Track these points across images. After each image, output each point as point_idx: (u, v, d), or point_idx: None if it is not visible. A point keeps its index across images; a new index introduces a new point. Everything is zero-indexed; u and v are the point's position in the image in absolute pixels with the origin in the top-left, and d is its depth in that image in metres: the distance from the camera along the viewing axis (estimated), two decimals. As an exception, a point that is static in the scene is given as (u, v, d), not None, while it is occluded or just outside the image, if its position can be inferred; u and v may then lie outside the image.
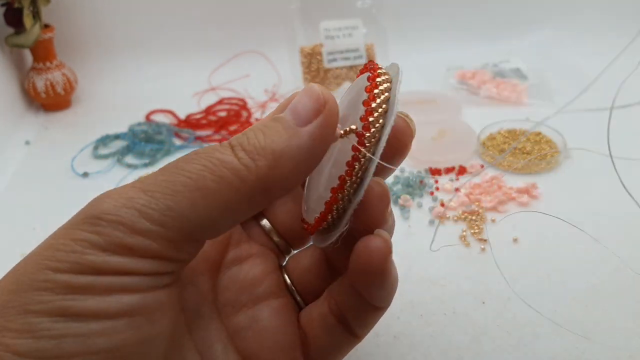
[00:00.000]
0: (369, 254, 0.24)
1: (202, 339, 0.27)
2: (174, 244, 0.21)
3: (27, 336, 0.19)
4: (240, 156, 0.22)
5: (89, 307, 0.20)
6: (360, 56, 0.70)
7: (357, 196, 0.24)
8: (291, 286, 0.30)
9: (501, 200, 0.50)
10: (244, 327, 0.28)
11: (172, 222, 0.21)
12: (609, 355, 0.36)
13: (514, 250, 0.45)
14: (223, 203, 0.21)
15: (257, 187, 0.22)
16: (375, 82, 0.24)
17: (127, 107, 0.72)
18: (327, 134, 0.23)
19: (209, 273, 0.29)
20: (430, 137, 0.59)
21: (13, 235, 0.51)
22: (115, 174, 0.59)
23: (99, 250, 0.20)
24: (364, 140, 0.23)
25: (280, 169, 0.22)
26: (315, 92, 0.23)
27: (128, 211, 0.21)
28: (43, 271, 0.20)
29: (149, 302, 0.21)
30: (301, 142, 0.22)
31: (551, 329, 0.37)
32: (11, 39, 0.68)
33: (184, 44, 0.80)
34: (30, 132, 0.68)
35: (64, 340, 0.19)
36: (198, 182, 0.21)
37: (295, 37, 0.72)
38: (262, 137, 0.22)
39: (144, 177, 0.22)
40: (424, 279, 0.42)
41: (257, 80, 0.77)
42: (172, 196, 0.21)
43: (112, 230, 0.21)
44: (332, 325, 0.28)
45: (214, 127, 0.67)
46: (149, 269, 0.21)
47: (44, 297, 0.20)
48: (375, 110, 0.24)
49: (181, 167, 0.22)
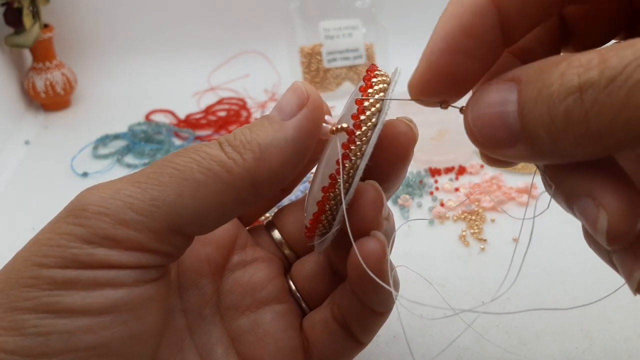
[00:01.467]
0: (364, 256, 0.23)
1: (203, 342, 0.27)
2: (159, 235, 0.21)
3: (14, 334, 0.19)
4: (227, 150, 0.22)
5: (75, 303, 0.20)
6: (360, 56, 0.70)
7: (348, 195, 0.24)
8: (296, 292, 0.30)
9: (501, 200, 0.50)
10: (246, 331, 0.28)
11: (158, 212, 0.21)
12: (608, 356, 0.36)
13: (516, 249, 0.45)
14: (210, 195, 0.21)
15: (244, 180, 0.22)
16: (370, 82, 0.24)
17: (126, 107, 0.72)
18: (311, 125, 0.23)
19: (212, 276, 0.29)
20: (430, 137, 0.59)
21: (12, 235, 0.50)
22: (115, 174, 0.59)
23: (83, 242, 0.20)
24: (354, 139, 0.23)
25: (267, 161, 0.22)
26: (298, 88, 0.24)
27: (114, 202, 0.21)
28: (29, 267, 0.20)
29: (135, 297, 0.21)
30: (287, 134, 0.22)
31: (551, 329, 0.37)
32: (11, 38, 0.67)
33: (183, 43, 0.80)
34: (30, 132, 0.68)
35: (50, 338, 0.19)
36: (185, 174, 0.21)
37: (295, 37, 0.72)
38: (248, 132, 0.23)
39: (133, 172, 0.22)
40: (424, 279, 0.42)
41: (256, 80, 0.76)
42: (158, 186, 0.21)
43: (96, 221, 0.20)
44: (334, 332, 0.27)
45: (213, 127, 0.67)
46: (134, 262, 0.21)
47: (30, 293, 0.20)
48: (367, 109, 0.23)
49: (169, 159, 0.22)
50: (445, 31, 0.20)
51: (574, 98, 0.16)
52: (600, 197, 0.18)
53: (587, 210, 0.18)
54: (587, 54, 0.16)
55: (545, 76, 0.17)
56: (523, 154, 0.18)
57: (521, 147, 0.18)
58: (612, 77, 0.15)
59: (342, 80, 0.70)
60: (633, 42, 0.15)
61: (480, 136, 0.19)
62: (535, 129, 0.17)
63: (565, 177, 0.19)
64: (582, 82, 0.16)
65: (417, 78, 0.21)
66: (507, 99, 0.18)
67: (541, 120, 0.17)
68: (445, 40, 0.20)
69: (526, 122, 0.18)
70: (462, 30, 0.20)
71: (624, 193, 0.17)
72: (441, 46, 0.20)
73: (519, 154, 0.19)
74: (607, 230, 0.17)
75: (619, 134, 0.16)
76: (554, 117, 0.17)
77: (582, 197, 0.18)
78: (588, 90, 0.16)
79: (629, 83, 0.15)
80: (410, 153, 0.26)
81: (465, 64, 0.20)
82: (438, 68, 0.21)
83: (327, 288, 0.29)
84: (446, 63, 0.20)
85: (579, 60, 0.16)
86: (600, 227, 0.18)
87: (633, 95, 0.15)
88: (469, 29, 0.20)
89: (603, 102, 0.16)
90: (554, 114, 0.17)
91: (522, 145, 0.18)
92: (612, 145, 0.16)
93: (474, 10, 0.20)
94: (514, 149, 0.18)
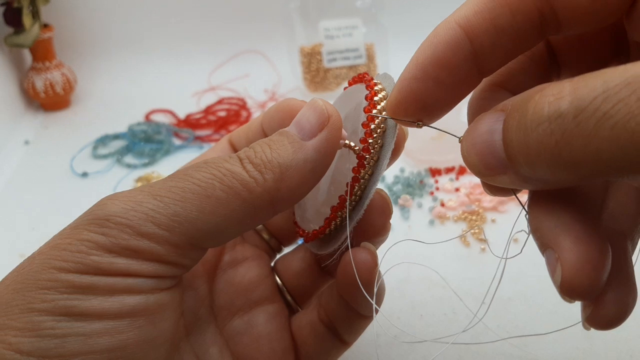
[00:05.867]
0: (356, 264, 0.24)
1: (199, 342, 0.27)
2: (178, 249, 0.22)
3: (31, 335, 0.19)
4: (249, 169, 0.22)
5: (92, 307, 0.20)
6: (360, 56, 0.70)
7: (357, 215, 0.25)
8: (283, 288, 0.30)
9: (501, 200, 0.50)
10: (240, 333, 0.28)
11: (179, 227, 0.21)
12: (609, 356, 0.36)
13: (515, 250, 0.45)
14: (230, 213, 0.22)
15: (264, 199, 0.22)
16: (373, 102, 0.25)
17: (126, 106, 0.72)
18: (331, 147, 0.24)
19: (206, 276, 0.29)
20: (430, 137, 0.59)
21: (12, 235, 0.50)
22: (115, 174, 0.59)
23: (105, 251, 0.21)
24: (364, 163, 0.24)
25: (287, 181, 0.22)
26: (319, 107, 0.24)
27: (136, 214, 0.21)
28: (48, 270, 0.20)
29: (151, 303, 0.21)
30: (307, 156, 0.23)
31: (552, 329, 0.37)
32: (10, 38, 0.67)
33: (183, 43, 0.80)
34: (30, 132, 0.68)
35: (67, 340, 0.20)
36: (207, 190, 0.22)
37: (295, 37, 0.72)
38: (268, 150, 0.23)
39: (153, 182, 0.23)
40: (424, 279, 0.42)
41: (256, 80, 0.76)
42: (181, 202, 0.21)
43: (119, 232, 0.21)
44: (321, 333, 0.28)
45: (213, 127, 0.67)
46: (152, 272, 0.21)
47: (48, 295, 0.20)
48: (374, 132, 0.24)
49: (190, 174, 0.22)
50: (418, 60, 0.22)
51: (543, 127, 0.17)
52: (560, 251, 0.19)
53: (549, 261, 0.19)
54: (561, 83, 0.17)
55: (524, 105, 0.18)
56: (514, 180, 0.19)
57: (511, 174, 0.19)
58: (582, 108, 0.16)
59: (342, 80, 0.70)
60: (603, 72, 0.16)
61: (473, 164, 0.20)
62: (516, 156, 0.18)
63: (542, 222, 0.20)
64: (551, 112, 0.16)
65: (391, 100, 0.23)
66: (495, 128, 0.19)
67: (519, 148, 0.18)
68: (417, 68, 0.22)
69: (508, 150, 0.18)
70: (434, 60, 0.21)
71: (586, 249, 0.18)
72: (413, 74, 0.22)
73: (510, 180, 0.19)
74: (559, 285, 0.19)
75: (590, 164, 0.16)
76: (529, 145, 0.17)
77: (548, 249, 0.19)
78: (557, 120, 0.16)
79: (597, 115, 0.15)
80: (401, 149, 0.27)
81: (435, 90, 0.22)
82: (409, 93, 0.22)
83: (314, 284, 0.30)
84: (417, 89, 0.22)
85: (552, 89, 0.17)
86: (555, 280, 0.19)
87: (600, 127, 0.15)
88: (441, 60, 0.21)
89: (572, 133, 0.16)
90: (528, 142, 0.17)
91: (511, 172, 0.19)
92: (585, 174, 0.17)
93: (446, 42, 0.21)
94: (505, 176, 0.19)
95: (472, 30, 0.21)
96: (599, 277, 0.18)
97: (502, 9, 0.21)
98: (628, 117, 0.15)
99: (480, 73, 0.22)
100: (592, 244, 0.18)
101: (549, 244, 0.19)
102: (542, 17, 0.21)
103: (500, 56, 0.22)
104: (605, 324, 0.20)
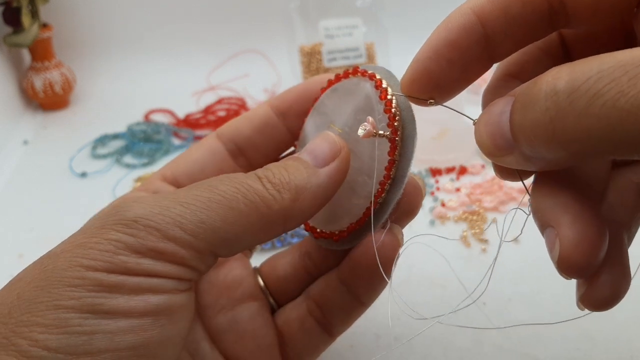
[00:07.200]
0: (382, 247, 0.26)
1: (189, 339, 0.29)
2: (200, 254, 0.23)
3: (58, 331, 0.19)
4: (268, 187, 0.24)
5: (119, 305, 0.21)
6: (360, 55, 0.69)
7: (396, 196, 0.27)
8: (265, 289, 0.31)
9: (502, 200, 0.50)
10: (225, 330, 0.29)
11: (204, 234, 0.22)
12: (610, 356, 0.35)
13: (515, 251, 0.45)
14: (249, 225, 0.23)
15: (279, 216, 0.24)
16: (383, 88, 0.27)
17: (125, 106, 0.72)
18: (341, 175, 0.26)
19: None
20: (431, 136, 0.59)
21: (11, 235, 0.50)
22: (114, 174, 0.59)
23: (132, 251, 0.21)
24: (395, 145, 0.27)
25: (301, 202, 0.24)
26: (331, 139, 0.27)
27: (164, 218, 0.22)
28: (75, 268, 0.21)
29: (172, 303, 0.22)
30: (320, 181, 0.25)
31: (553, 330, 0.37)
32: (9, 38, 0.67)
33: (183, 43, 0.80)
34: (29, 132, 0.68)
35: (94, 337, 0.20)
36: (232, 203, 0.23)
37: (295, 36, 0.72)
38: (285, 173, 0.25)
39: (175, 190, 0.24)
40: (424, 279, 0.42)
41: (256, 80, 0.76)
42: (206, 210, 0.23)
43: (147, 234, 0.22)
44: (311, 328, 0.29)
45: (213, 127, 0.67)
46: (175, 274, 0.22)
47: (76, 293, 0.20)
48: (396, 114, 0.27)
49: (215, 185, 0.24)
50: (432, 41, 0.23)
51: (540, 105, 0.18)
52: (559, 228, 0.19)
53: (548, 239, 0.20)
54: (562, 66, 0.18)
55: (528, 87, 0.19)
56: (519, 160, 0.20)
57: (516, 154, 0.20)
58: (575, 87, 0.17)
59: (342, 80, 0.70)
60: (601, 56, 0.17)
61: (485, 145, 0.21)
62: (518, 135, 0.19)
63: (543, 202, 0.21)
64: (548, 90, 0.17)
65: (406, 78, 0.24)
66: (504, 110, 0.20)
67: (520, 127, 0.19)
68: (431, 49, 0.23)
69: (513, 129, 0.19)
70: (448, 41, 0.23)
71: (584, 227, 0.19)
72: (427, 54, 0.23)
73: (516, 161, 0.20)
74: (557, 260, 0.19)
75: (582, 141, 0.17)
76: (528, 123, 0.18)
77: (548, 227, 0.20)
78: (552, 98, 0.17)
79: (589, 94, 0.16)
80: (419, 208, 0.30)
81: (447, 70, 0.23)
82: (423, 71, 0.24)
83: (298, 286, 0.31)
84: (430, 68, 0.23)
85: (553, 71, 0.18)
86: (552, 256, 0.20)
87: (591, 105, 0.16)
88: (454, 41, 0.23)
89: (565, 111, 0.17)
90: (527, 121, 0.18)
91: (516, 151, 0.20)
92: (577, 152, 0.17)
93: (460, 26, 0.23)
94: (512, 156, 0.20)
95: (485, 16, 0.22)
96: (596, 255, 0.19)
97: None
98: (618, 95, 0.15)
99: (490, 58, 0.24)
100: (591, 223, 0.19)
101: (549, 222, 0.20)
102: (552, 10, 0.22)
103: (510, 43, 0.23)
104: (598, 305, 0.21)
